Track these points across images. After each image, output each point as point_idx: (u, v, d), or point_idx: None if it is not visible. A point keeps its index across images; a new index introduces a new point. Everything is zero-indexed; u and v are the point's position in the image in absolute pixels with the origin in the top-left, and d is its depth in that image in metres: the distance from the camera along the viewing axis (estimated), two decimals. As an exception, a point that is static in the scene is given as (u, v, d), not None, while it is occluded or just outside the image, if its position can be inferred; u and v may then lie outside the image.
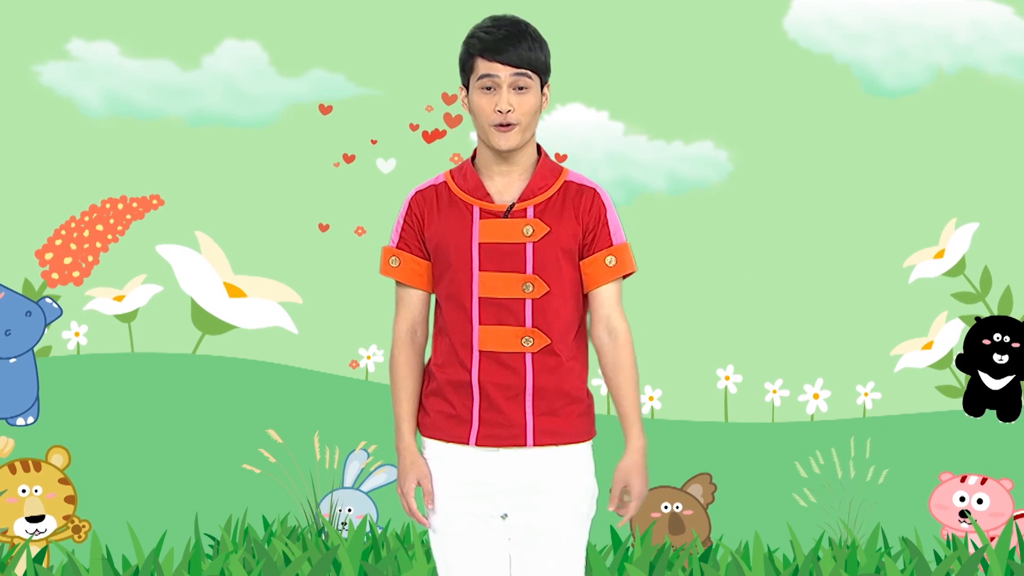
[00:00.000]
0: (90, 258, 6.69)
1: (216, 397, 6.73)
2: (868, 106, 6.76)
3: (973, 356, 6.65)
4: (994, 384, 6.63)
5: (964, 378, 6.67)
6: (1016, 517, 6.56)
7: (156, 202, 6.71)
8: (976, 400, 6.65)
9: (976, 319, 6.63)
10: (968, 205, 6.71)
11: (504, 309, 3.77)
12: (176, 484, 6.66)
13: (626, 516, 3.82)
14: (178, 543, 6.60)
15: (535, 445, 3.78)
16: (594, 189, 3.84)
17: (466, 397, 3.80)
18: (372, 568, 6.15)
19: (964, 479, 6.63)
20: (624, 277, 3.86)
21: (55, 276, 6.69)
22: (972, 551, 6.51)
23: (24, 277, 6.68)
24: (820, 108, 6.75)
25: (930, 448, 6.67)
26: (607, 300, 3.83)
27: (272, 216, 6.75)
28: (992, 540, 6.52)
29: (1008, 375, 6.63)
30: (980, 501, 6.61)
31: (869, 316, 6.70)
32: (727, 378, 6.75)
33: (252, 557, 6.41)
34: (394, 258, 3.90)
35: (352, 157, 6.51)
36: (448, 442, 3.83)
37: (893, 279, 6.70)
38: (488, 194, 3.82)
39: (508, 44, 3.75)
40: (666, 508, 6.67)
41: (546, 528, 3.80)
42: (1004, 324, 6.62)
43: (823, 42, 6.76)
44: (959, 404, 6.69)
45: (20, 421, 6.66)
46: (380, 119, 6.74)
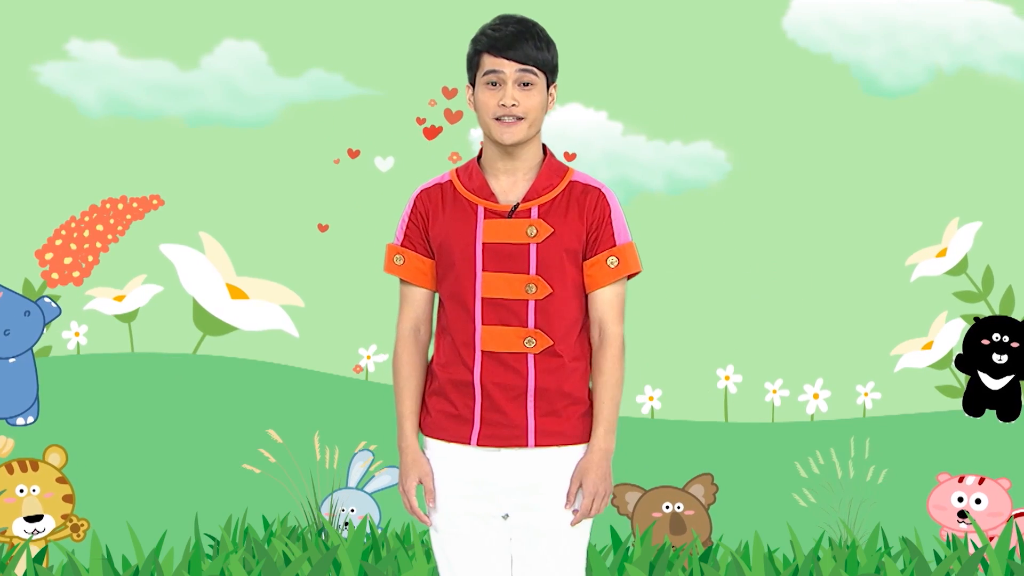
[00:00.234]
0: (90, 258, 6.68)
1: (216, 397, 6.73)
2: (867, 106, 6.76)
3: (972, 356, 6.66)
4: (993, 384, 6.64)
5: (964, 378, 6.68)
6: (1015, 516, 6.56)
7: (156, 202, 6.71)
8: (976, 400, 6.66)
9: (975, 319, 6.64)
10: (967, 205, 6.71)
11: (506, 310, 3.77)
12: (176, 484, 6.66)
13: (579, 516, 3.80)
14: (178, 543, 6.60)
15: (536, 446, 3.79)
16: (599, 189, 3.84)
17: (468, 397, 3.81)
18: (372, 568, 6.15)
19: (962, 479, 6.64)
20: (629, 277, 3.87)
21: (55, 276, 6.68)
22: (972, 551, 6.51)
23: (24, 277, 6.67)
24: (819, 108, 6.75)
25: (930, 448, 6.67)
26: (602, 304, 3.83)
27: (271, 216, 6.74)
28: (992, 540, 6.53)
29: (1007, 375, 6.63)
30: (978, 501, 6.62)
31: (869, 316, 6.70)
32: (727, 378, 6.75)
33: (252, 557, 6.41)
34: (398, 256, 3.90)
35: (357, 152, 6.51)
36: (449, 442, 3.84)
37: (893, 279, 6.70)
38: (492, 194, 3.82)
39: (515, 41, 3.76)
40: (667, 508, 6.68)
41: (547, 528, 3.80)
42: (1003, 324, 6.63)
43: (822, 42, 6.76)
44: (959, 404, 6.69)
45: (20, 421, 6.65)
46: (379, 119, 6.73)
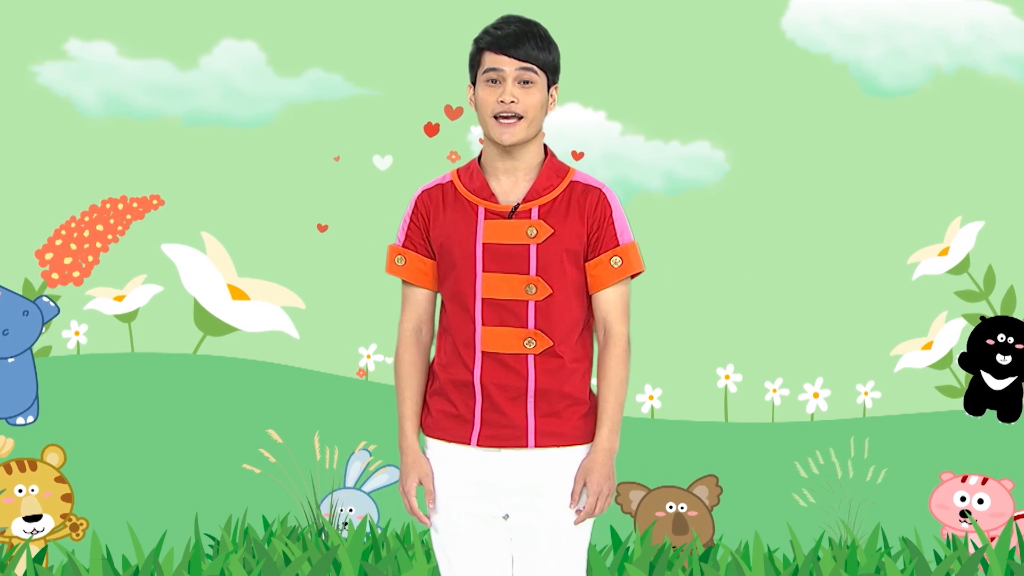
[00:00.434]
0: (90, 258, 6.68)
1: (216, 397, 6.72)
2: (866, 106, 6.76)
3: (976, 355, 6.66)
4: (996, 384, 6.64)
5: (964, 378, 6.68)
6: (1016, 518, 6.56)
7: (156, 202, 6.70)
8: (977, 400, 6.66)
9: (981, 319, 6.64)
10: (966, 205, 6.71)
11: (507, 310, 3.77)
12: (176, 484, 6.66)
13: (583, 515, 3.81)
14: (178, 543, 6.60)
15: (536, 446, 3.79)
16: (600, 189, 3.84)
17: (468, 397, 3.81)
18: (372, 568, 6.14)
19: (965, 479, 6.64)
20: (632, 277, 3.87)
21: (55, 276, 6.68)
22: (972, 551, 6.51)
23: (24, 277, 6.67)
24: (818, 108, 6.75)
25: (930, 448, 6.68)
26: (606, 304, 3.83)
27: (270, 216, 6.74)
28: (992, 540, 6.53)
29: (1011, 376, 6.64)
30: (981, 501, 6.62)
31: (868, 315, 6.71)
32: (727, 377, 6.75)
33: (252, 557, 6.41)
34: (400, 257, 3.90)
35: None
36: (450, 442, 3.84)
37: (892, 278, 6.70)
38: (493, 194, 3.82)
39: (516, 39, 3.77)
40: (671, 508, 6.67)
41: (548, 529, 3.81)
42: (1008, 325, 6.62)
43: (821, 42, 6.76)
44: (959, 404, 6.69)
45: (20, 420, 6.65)
46: (378, 119, 6.73)
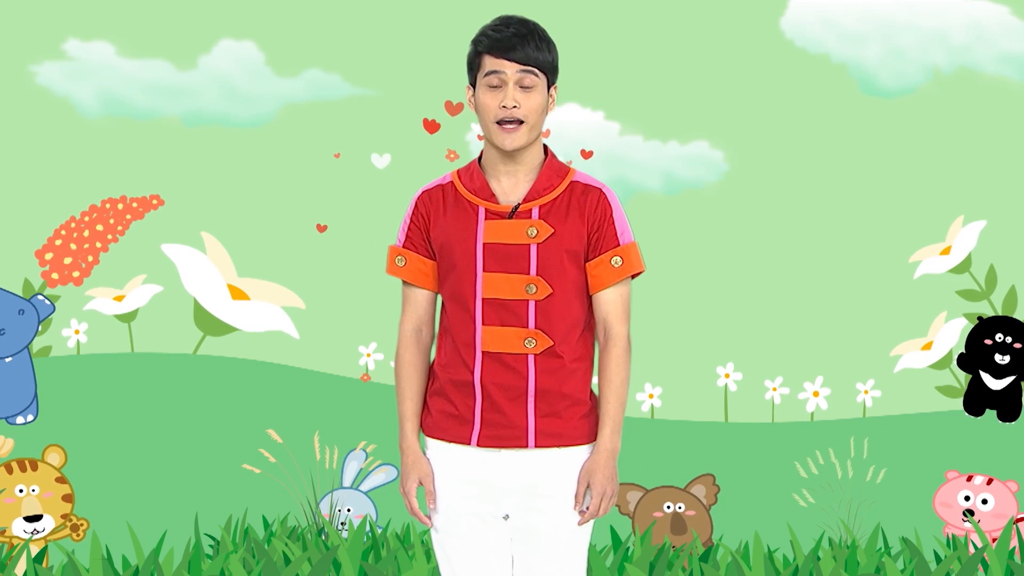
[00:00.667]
0: (90, 258, 6.68)
1: (216, 397, 6.72)
2: (865, 106, 6.76)
3: (975, 355, 6.66)
4: (995, 384, 6.64)
5: (964, 378, 6.68)
6: (1017, 520, 6.56)
7: (156, 202, 6.70)
8: (976, 400, 6.66)
9: (979, 319, 6.64)
10: (965, 205, 6.71)
11: (507, 310, 3.78)
12: (176, 484, 6.65)
13: (587, 516, 3.81)
14: (178, 543, 6.59)
15: (536, 447, 3.79)
16: (600, 189, 3.84)
17: (468, 397, 3.81)
18: (372, 568, 6.15)
19: (970, 478, 6.64)
20: (633, 277, 3.87)
21: (55, 276, 6.68)
22: (972, 551, 6.52)
23: (24, 277, 6.67)
24: (817, 108, 6.75)
25: (930, 448, 6.67)
26: (607, 304, 3.83)
27: (269, 216, 6.74)
28: (993, 541, 6.53)
29: (1009, 376, 6.64)
30: (985, 501, 6.62)
31: (869, 314, 6.71)
32: (727, 376, 6.76)
33: (252, 557, 6.41)
34: (400, 257, 3.90)
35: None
36: (450, 442, 3.84)
37: (891, 277, 6.70)
38: (493, 194, 3.82)
39: (515, 42, 3.76)
40: (669, 508, 6.68)
41: (548, 529, 3.81)
42: (1007, 325, 6.63)
43: (820, 42, 6.76)
44: (959, 404, 6.69)
45: (20, 419, 6.65)
46: (377, 119, 6.73)
